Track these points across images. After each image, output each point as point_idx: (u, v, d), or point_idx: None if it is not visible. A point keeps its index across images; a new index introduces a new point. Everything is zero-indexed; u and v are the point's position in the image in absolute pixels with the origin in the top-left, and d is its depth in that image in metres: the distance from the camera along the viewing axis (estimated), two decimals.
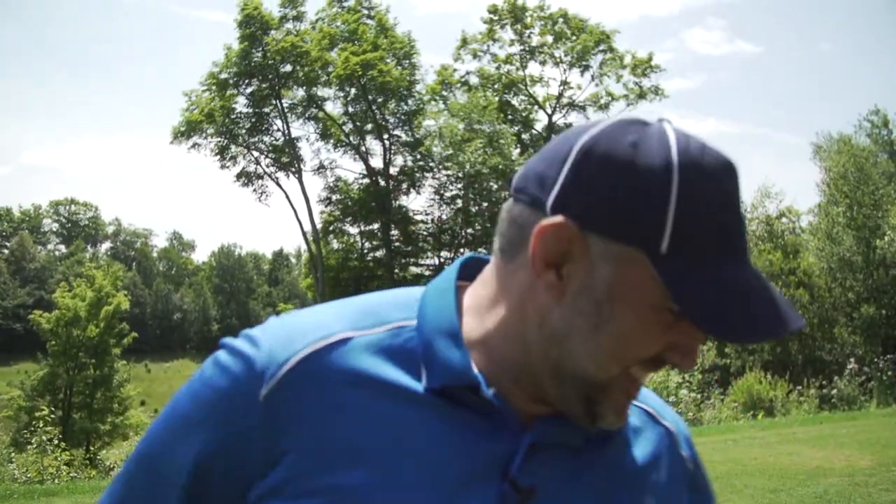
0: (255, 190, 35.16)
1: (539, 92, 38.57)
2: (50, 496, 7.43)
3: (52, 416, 12.54)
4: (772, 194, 25.42)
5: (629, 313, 0.73)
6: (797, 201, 67.83)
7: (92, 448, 21.95)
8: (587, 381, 0.76)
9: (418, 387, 0.78)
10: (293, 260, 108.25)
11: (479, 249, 33.88)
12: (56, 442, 11.09)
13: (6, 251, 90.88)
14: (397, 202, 34.60)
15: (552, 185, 0.74)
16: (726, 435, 11.29)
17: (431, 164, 33.49)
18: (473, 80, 37.51)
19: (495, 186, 32.13)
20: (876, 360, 18.45)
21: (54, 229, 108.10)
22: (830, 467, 8.66)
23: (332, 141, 34.83)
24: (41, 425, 10.88)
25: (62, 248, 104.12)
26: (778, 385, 16.40)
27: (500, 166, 31.15)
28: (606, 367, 0.75)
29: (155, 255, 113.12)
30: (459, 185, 32.95)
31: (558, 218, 0.73)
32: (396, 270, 34.47)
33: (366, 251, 35.39)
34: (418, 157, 33.92)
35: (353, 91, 33.44)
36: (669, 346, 0.75)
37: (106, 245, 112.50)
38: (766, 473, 8.25)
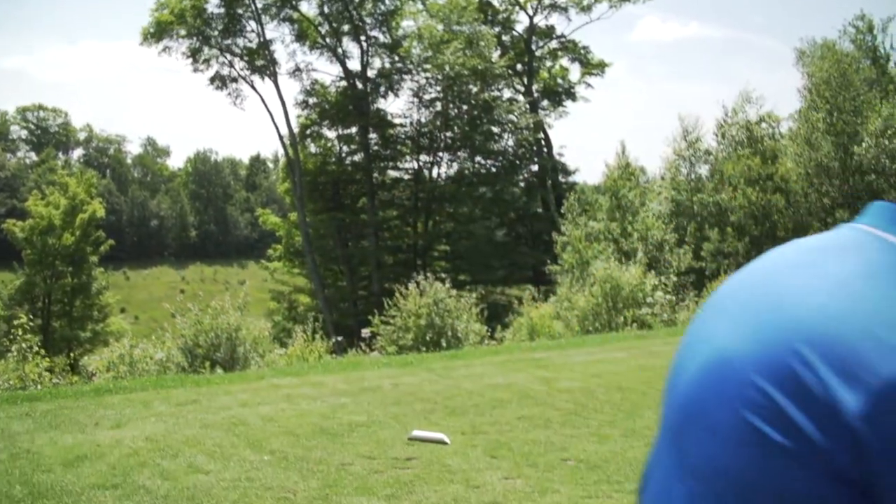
0: (229, 94, 34.37)
1: None
2: (33, 401, 7.50)
3: (31, 324, 12.54)
4: (753, 99, 25.36)
5: None
6: (777, 107, 67.61)
7: (73, 354, 22.10)
8: None
9: None
10: (270, 165, 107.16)
11: (459, 153, 33.66)
12: (36, 349, 11.10)
13: None
14: (375, 105, 34.06)
15: None
16: None
17: (410, 67, 32.85)
18: None
19: (475, 89, 31.69)
20: None
21: (23, 136, 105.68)
22: None
23: (307, 43, 33.90)
24: (20, 333, 10.87)
25: (32, 155, 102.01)
26: None
27: (480, 68, 30.63)
28: None
29: (129, 161, 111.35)
30: (438, 88, 32.45)
31: None
32: (375, 174, 34.25)
33: (344, 155, 35.03)
34: (396, 59, 33.21)
35: None
36: None
37: (78, 152, 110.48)
38: None
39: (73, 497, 4.66)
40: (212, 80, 33.83)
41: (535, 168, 36.91)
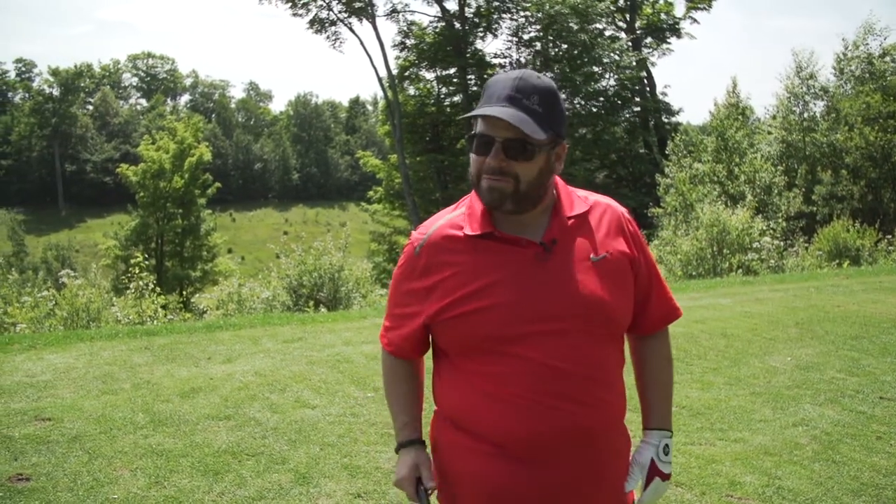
0: (328, 37, 34.55)
1: None
2: (150, 335, 7.89)
3: (147, 263, 13.18)
4: (876, 31, 23.80)
5: None
6: None
7: (185, 293, 23.17)
8: None
9: None
10: (370, 107, 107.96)
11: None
12: (151, 287, 11.69)
13: (90, 107, 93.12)
14: (473, 46, 33.63)
15: None
16: (809, 282, 11.09)
17: (508, 5, 32.20)
18: None
19: (575, 27, 30.84)
20: None
21: (134, 84, 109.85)
22: None
23: None
24: (137, 271, 11.45)
25: (143, 102, 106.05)
26: (866, 234, 15.93)
27: (580, 6, 29.75)
28: None
29: (233, 106, 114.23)
30: (538, 27, 31.74)
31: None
32: None
33: (442, 97, 34.87)
34: None
35: None
36: None
37: (185, 98, 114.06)
38: (849, 321, 8.12)
39: (189, 426, 4.92)
40: (311, 23, 34.05)
41: (637, 108, 35.85)
